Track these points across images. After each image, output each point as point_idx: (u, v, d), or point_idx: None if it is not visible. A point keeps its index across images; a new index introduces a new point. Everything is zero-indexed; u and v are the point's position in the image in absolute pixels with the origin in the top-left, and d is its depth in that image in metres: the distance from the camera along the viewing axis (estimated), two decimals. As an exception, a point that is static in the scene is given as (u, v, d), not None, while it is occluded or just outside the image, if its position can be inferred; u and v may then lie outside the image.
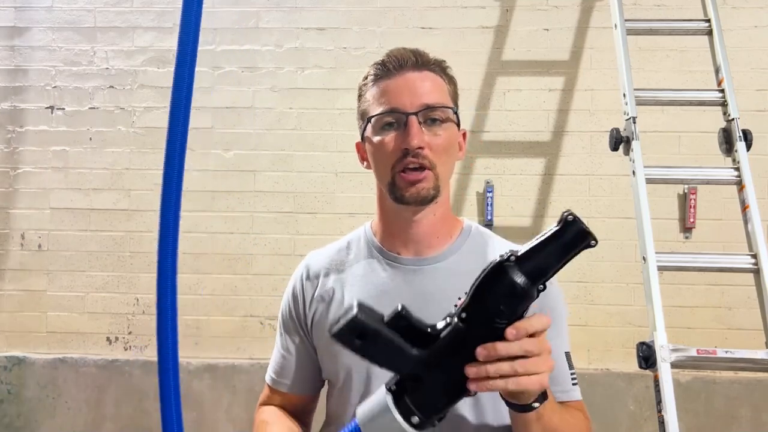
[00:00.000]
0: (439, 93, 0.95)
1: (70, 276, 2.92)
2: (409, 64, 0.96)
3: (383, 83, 0.97)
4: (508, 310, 0.65)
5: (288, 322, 1.07)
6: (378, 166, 0.97)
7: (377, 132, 0.96)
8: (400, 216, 0.99)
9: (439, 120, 0.94)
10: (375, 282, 0.99)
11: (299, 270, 1.08)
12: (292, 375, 1.07)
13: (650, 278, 1.78)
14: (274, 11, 2.91)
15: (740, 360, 1.74)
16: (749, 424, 2.68)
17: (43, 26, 2.96)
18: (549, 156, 2.82)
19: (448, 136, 0.95)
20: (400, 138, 0.93)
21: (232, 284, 2.87)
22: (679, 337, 2.01)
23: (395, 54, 0.98)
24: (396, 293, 0.96)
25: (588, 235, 0.66)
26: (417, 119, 0.92)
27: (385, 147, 0.94)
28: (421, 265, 0.98)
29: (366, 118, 0.98)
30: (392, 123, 0.94)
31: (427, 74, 0.96)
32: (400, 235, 1.00)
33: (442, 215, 1.00)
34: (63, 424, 2.86)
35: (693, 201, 2.74)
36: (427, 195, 0.93)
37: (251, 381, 2.80)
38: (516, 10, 2.85)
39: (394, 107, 0.93)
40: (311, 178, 2.87)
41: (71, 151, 2.94)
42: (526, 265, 0.65)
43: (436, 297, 0.94)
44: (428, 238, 0.99)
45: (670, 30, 2.28)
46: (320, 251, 1.09)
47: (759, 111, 2.75)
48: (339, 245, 1.08)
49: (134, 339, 2.90)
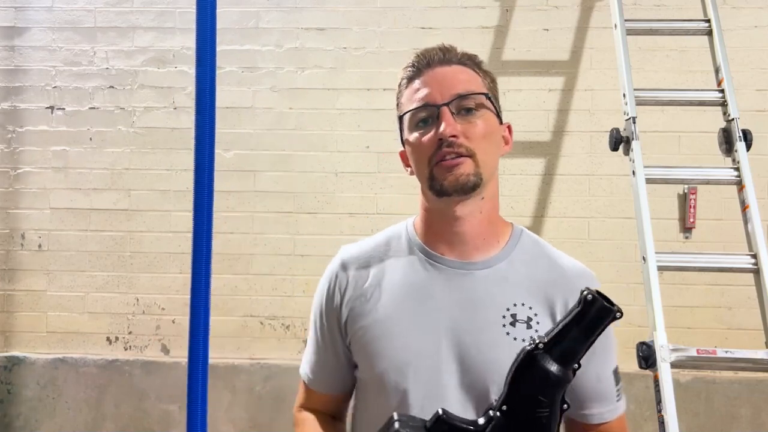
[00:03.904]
0: (470, 83, 0.93)
1: (70, 276, 2.92)
2: (436, 59, 0.94)
3: (414, 83, 0.95)
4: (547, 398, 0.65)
5: (322, 320, 1.02)
6: (416, 163, 0.94)
7: (412, 129, 0.94)
8: (442, 213, 0.94)
9: (474, 108, 0.91)
10: (417, 283, 0.94)
11: (333, 266, 1.02)
12: (328, 375, 1.04)
13: (650, 278, 1.78)
14: (274, 11, 2.91)
15: (740, 360, 1.74)
16: (749, 424, 2.68)
17: (43, 26, 2.96)
18: (549, 156, 2.82)
19: (484, 123, 0.91)
20: (434, 132, 0.90)
21: (232, 284, 2.87)
22: (679, 337, 2.01)
23: (423, 53, 0.96)
24: (441, 296, 0.92)
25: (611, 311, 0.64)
26: (449, 109, 0.89)
27: (421, 142, 0.91)
28: (469, 269, 0.93)
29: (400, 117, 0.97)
30: (426, 119, 0.92)
31: (456, 67, 0.94)
32: (444, 235, 0.95)
33: (489, 215, 0.95)
34: (63, 424, 2.86)
35: (693, 201, 2.74)
36: (467, 182, 0.88)
37: (251, 381, 2.81)
38: (516, 10, 2.85)
39: (425, 101, 0.91)
40: (311, 178, 2.87)
41: (71, 151, 2.94)
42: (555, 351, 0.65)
43: (486, 304, 0.91)
44: (474, 239, 0.94)
45: (670, 30, 2.28)
46: (355, 246, 1.03)
47: (759, 111, 2.75)
48: (376, 240, 1.03)
49: (134, 339, 2.90)
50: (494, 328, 0.89)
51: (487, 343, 0.89)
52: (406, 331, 0.91)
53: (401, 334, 0.91)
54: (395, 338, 0.92)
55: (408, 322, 0.92)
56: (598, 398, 0.95)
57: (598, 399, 0.95)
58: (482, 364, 0.88)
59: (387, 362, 0.92)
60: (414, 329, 0.91)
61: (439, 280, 0.93)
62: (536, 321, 0.90)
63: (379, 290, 0.95)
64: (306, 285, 2.84)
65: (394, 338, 0.92)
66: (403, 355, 0.91)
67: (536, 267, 0.95)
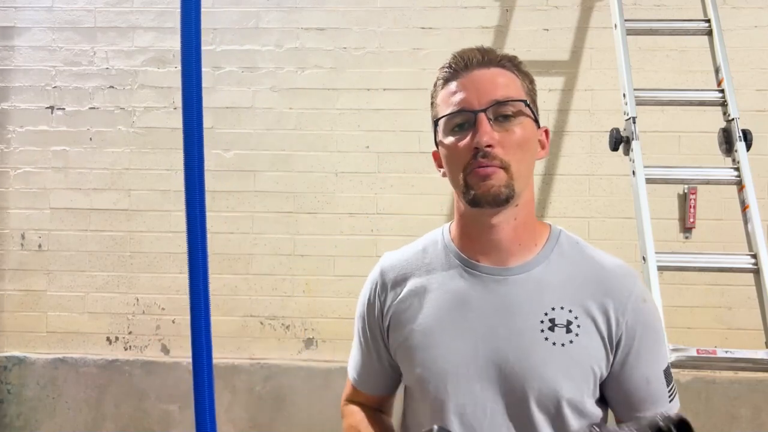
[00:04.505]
0: (508, 88, 0.90)
1: (70, 276, 2.92)
2: (474, 62, 0.92)
3: (451, 85, 0.92)
4: None
5: (364, 325, 1.04)
6: (450, 169, 0.93)
7: (448, 134, 0.92)
8: (477, 221, 0.93)
9: (511, 115, 0.89)
10: (454, 291, 0.93)
11: (374, 273, 1.03)
12: (372, 378, 1.07)
13: (650, 278, 1.78)
14: (274, 11, 2.91)
15: (740, 360, 1.74)
16: (749, 424, 2.68)
17: (43, 26, 2.96)
18: (549, 156, 2.82)
19: (522, 131, 0.89)
20: (471, 138, 0.88)
21: (232, 284, 2.87)
22: (679, 337, 2.01)
23: (460, 54, 0.93)
24: (477, 304, 0.91)
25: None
26: (486, 116, 0.87)
27: (456, 149, 0.89)
28: (504, 275, 0.92)
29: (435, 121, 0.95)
30: (462, 124, 0.90)
31: (495, 70, 0.92)
32: (479, 241, 0.94)
33: (524, 220, 0.93)
34: (63, 424, 2.86)
35: (693, 201, 2.74)
36: (498, 194, 0.87)
37: (251, 381, 2.80)
38: (516, 10, 2.85)
39: (462, 107, 0.89)
40: (311, 178, 2.87)
41: (71, 151, 2.94)
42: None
43: (524, 309, 0.90)
44: (509, 245, 0.93)
45: (670, 30, 2.28)
46: (396, 254, 1.04)
47: (759, 111, 2.75)
48: (415, 248, 1.03)
49: (134, 339, 2.90)
50: (532, 334, 0.88)
51: (524, 349, 0.88)
52: (444, 340, 0.92)
53: (439, 344, 0.92)
54: (434, 347, 0.92)
55: (446, 330, 0.92)
56: (650, 400, 0.92)
57: (649, 401, 0.92)
58: (520, 370, 0.88)
59: (426, 371, 0.92)
60: (452, 338, 0.91)
61: (476, 288, 0.93)
62: (576, 324, 0.89)
63: (418, 299, 0.96)
64: (306, 285, 2.84)
65: (433, 347, 0.92)
66: (442, 364, 0.91)
67: (575, 269, 0.93)
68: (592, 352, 0.89)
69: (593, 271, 0.93)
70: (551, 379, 0.86)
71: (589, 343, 0.88)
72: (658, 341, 0.93)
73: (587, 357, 0.88)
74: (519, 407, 0.88)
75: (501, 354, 0.89)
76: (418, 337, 0.93)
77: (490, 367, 0.89)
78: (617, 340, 0.89)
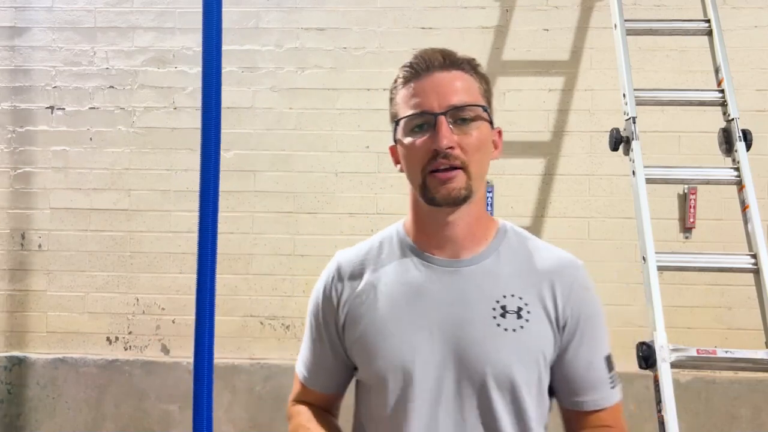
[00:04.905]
0: (467, 92, 0.94)
1: (70, 276, 2.92)
2: (436, 64, 0.95)
3: (412, 85, 0.95)
4: None
5: (318, 322, 1.05)
6: (409, 168, 0.96)
7: (407, 134, 0.95)
8: (433, 218, 0.97)
9: (469, 119, 0.93)
10: (410, 282, 0.97)
11: (329, 270, 1.05)
12: (323, 375, 1.07)
13: (650, 278, 1.78)
14: (274, 11, 2.91)
15: (740, 360, 1.74)
16: (749, 424, 2.68)
17: (43, 26, 2.96)
18: (549, 156, 2.82)
19: (479, 134, 0.94)
20: (430, 139, 0.92)
21: (232, 284, 2.87)
22: (679, 337, 2.01)
23: (423, 55, 0.96)
24: (433, 295, 0.95)
25: None
26: (446, 119, 0.91)
27: (416, 149, 0.93)
28: (457, 266, 0.97)
29: (396, 120, 0.98)
30: (422, 125, 0.93)
31: (456, 73, 0.95)
32: (435, 237, 0.98)
33: (477, 216, 0.99)
34: (63, 424, 2.86)
35: (693, 201, 2.74)
36: (458, 195, 0.92)
37: (251, 381, 2.81)
38: (516, 10, 2.85)
39: (423, 109, 0.93)
40: (311, 178, 2.87)
41: (71, 151, 2.94)
42: None
43: (477, 298, 0.94)
44: (464, 239, 0.97)
45: (670, 30, 2.28)
46: (350, 251, 1.07)
47: (759, 111, 2.75)
48: (370, 244, 1.06)
49: (134, 339, 2.90)
50: (485, 321, 0.93)
51: (479, 335, 0.92)
52: (401, 330, 0.94)
53: (397, 333, 0.94)
54: (391, 337, 0.94)
55: (403, 321, 0.95)
56: (591, 385, 0.98)
57: (590, 386, 0.98)
58: (476, 356, 0.91)
59: (384, 361, 0.94)
60: (409, 328, 0.94)
61: (431, 279, 0.96)
62: (527, 311, 0.93)
63: (375, 292, 0.98)
64: (306, 285, 2.84)
65: (391, 337, 0.94)
66: (400, 353, 0.93)
67: (523, 260, 0.98)
68: (542, 337, 0.94)
69: (540, 261, 0.98)
70: (505, 363, 0.91)
71: (539, 328, 0.94)
72: (599, 329, 0.99)
73: (537, 341, 0.93)
74: (479, 393, 0.92)
75: (457, 341, 0.92)
76: (375, 328, 0.96)
77: (448, 355, 0.92)
78: (563, 326, 0.95)
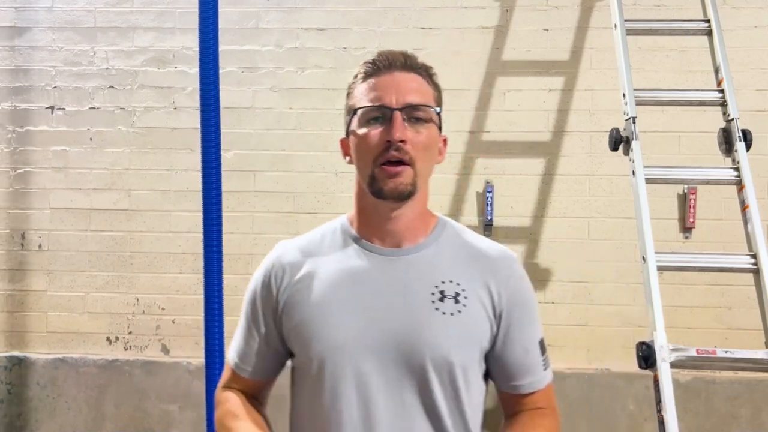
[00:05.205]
0: (423, 94, 1.00)
1: (70, 276, 2.92)
2: (398, 64, 1.01)
3: (372, 80, 1.01)
4: None
5: (255, 308, 1.07)
6: (360, 158, 1.00)
7: (363, 125, 0.99)
8: (378, 211, 1.01)
9: (422, 119, 0.98)
10: (350, 269, 1.00)
11: (270, 258, 1.09)
12: (255, 362, 1.09)
13: (650, 278, 1.78)
14: (274, 11, 2.91)
15: (740, 360, 1.74)
16: (749, 424, 2.68)
17: (43, 26, 2.96)
18: (549, 156, 2.82)
19: (429, 135, 0.98)
20: (384, 132, 0.96)
21: (232, 284, 2.87)
22: (679, 337, 2.01)
23: (386, 54, 1.02)
24: (373, 281, 0.99)
25: None
26: (401, 115, 0.96)
27: (370, 139, 0.97)
28: (398, 255, 1.01)
29: (353, 111, 1.02)
30: (378, 117, 0.97)
31: (414, 76, 1.01)
32: (378, 230, 1.02)
33: (420, 212, 1.03)
34: (63, 424, 2.86)
35: (693, 201, 2.74)
36: (404, 190, 0.96)
37: (251, 381, 2.80)
38: (516, 10, 2.85)
39: (382, 102, 0.97)
40: (311, 178, 2.87)
41: (71, 151, 2.94)
42: None
43: (416, 285, 0.98)
44: (405, 232, 1.02)
45: (670, 30, 2.28)
46: (292, 241, 1.10)
47: (759, 111, 2.75)
48: (311, 236, 1.10)
49: (134, 339, 2.90)
50: (424, 306, 0.96)
51: (418, 320, 0.96)
52: (341, 315, 0.97)
53: (336, 318, 0.97)
54: (331, 322, 0.97)
55: (343, 306, 0.97)
56: (527, 369, 1.03)
57: (526, 370, 1.03)
58: (416, 340, 0.95)
59: (324, 345, 0.96)
60: (349, 313, 0.97)
61: (373, 267, 1.00)
62: (464, 296, 0.98)
63: (315, 279, 1.01)
64: (306, 285, 2.84)
65: (331, 322, 0.97)
66: (339, 337, 0.96)
67: (461, 251, 1.04)
68: (479, 322, 0.98)
69: (477, 253, 1.04)
70: (443, 346, 0.95)
71: (476, 313, 0.98)
72: (533, 314, 1.05)
73: (474, 326, 0.98)
74: (419, 375, 0.95)
75: (397, 326, 0.95)
76: (315, 313, 0.98)
77: (388, 339, 0.95)
78: (499, 314, 1.00)
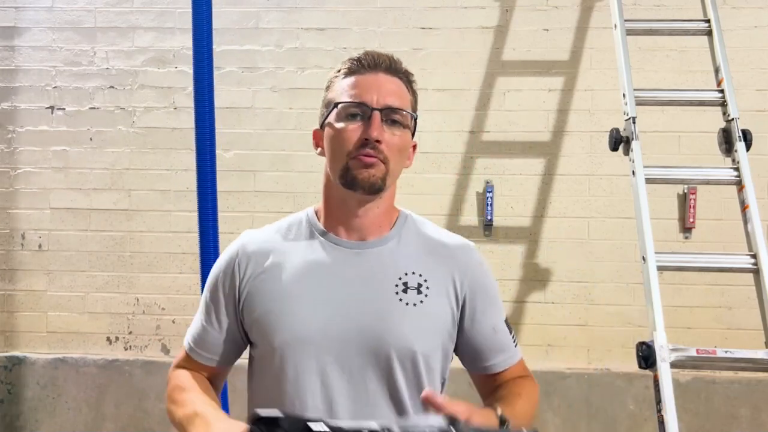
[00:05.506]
0: (402, 99, 1.03)
1: (70, 276, 2.92)
2: (383, 66, 1.04)
3: (355, 77, 1.03)
4: None
5: (217, 296, 1.07)
6: (335, 150, 1.01)
7: (341, 119, 1.01)
8: (345, 205, 1.03)
9: (399, 123, 1.01)
10: (315, 261, 1.02)
11: (234, 246, 1.09)
12: (212, 349, 1.09)
13: (650, 278, 1.78)
14: (274, 11, 2.91)
15: (740, 360, 1.74)
16: (749, 424, 2.68)
17: (44, 26, 2.96)
18: (549, 156, 2.82)
19: (403, 138, 1.02)
20: (362, 129, 0.98)
21: (232, 284, 2.87)
22: (679, 337, 2.01)
23: (371, 54, 1.05)
24: (338, 273, 1.00)
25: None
26: (380, 116, 0.98)
27: (347, 134, 0.99)
28: (363, 248, 1.03)
29: (333, 104, 1.03)
30: (357, 114, 0.99)
31: (395, 80, 1.04)
32: (344, 224, 1.04)
33: (386, 210, 1.06)
34: (63, 424, 2.86)
35: (693, 201, 2.74)
36: (375, 183, 0.98)
37: (251, 381, 2.80)
38: (516, 11, 2.85)
39: (363, 100, 0.99)
40: (311, 178, 2.87)
41: (71, 151, 2.94)
42: None
43: (380, 277, 1.00)
44: (370, 226, 1.04)
45: (670, 30, 2.28)
46: (257, 231, 1.11)
47: (759, 111, 2.75)
48: (278, 226, 1.10)
49: (134, 339, 2.90)
50: (388, 297, 0.99)
51: (382, 310, 0.98)
52: (306, 306, 0.98)
53: (301, 309, 0.98)
54: (295, 313, 0.98)
55: (308, 298, 0.99)
56: (499, 347, 1.07)
57: (499, 347, 1.07)
58: (380, 330, 0.97)
59: (287, 336, 0.97)
60: (314, 304, 0.98)
61: (337, 260, 1.02)
62: (426, 287, 1.01)
63: (279, 269, 1.02)
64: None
65: (295, 313, 0.98)
66: (305, 328, 0.97)
67: (423, 242, 1.07)
68: (441, 311, 1.02)
69: (438, 243, 1.08)
70: (407, 335, 0.97)
71: (438, 302, 1.01)
72: (495, 297, 1.09)
73: (436, 315, 1.01)
74: (383, 364, 0.97)
75: (361, 316, 0.97)
76: (279, 304, 0.99)
77: (352, 330, 0.97)
78: (462, 300, 1.04)
